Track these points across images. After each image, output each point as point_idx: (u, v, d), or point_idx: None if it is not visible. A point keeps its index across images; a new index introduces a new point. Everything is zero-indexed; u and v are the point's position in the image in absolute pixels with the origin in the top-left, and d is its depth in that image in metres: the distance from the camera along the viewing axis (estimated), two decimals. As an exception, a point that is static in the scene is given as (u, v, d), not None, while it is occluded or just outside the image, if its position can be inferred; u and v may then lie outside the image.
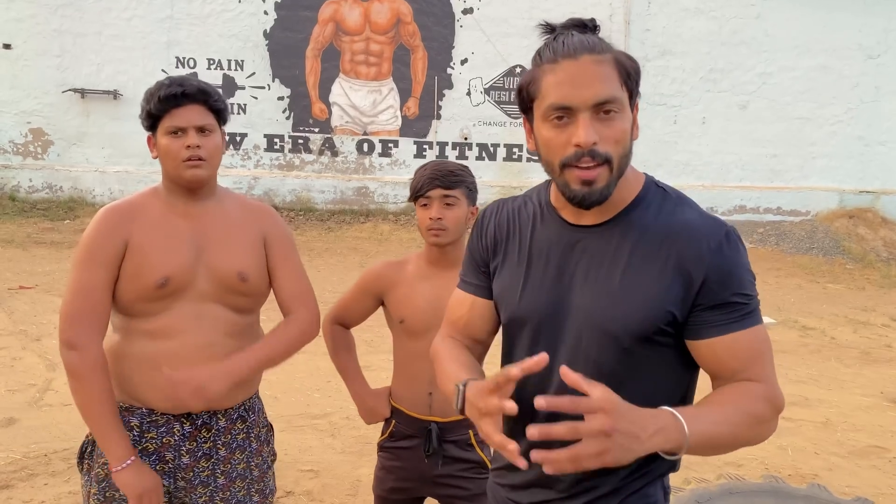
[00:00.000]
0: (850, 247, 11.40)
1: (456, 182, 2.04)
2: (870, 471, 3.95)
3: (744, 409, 1.19)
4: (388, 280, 2.16)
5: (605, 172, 1.18)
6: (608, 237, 1.25)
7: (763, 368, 1.24)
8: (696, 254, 1.20)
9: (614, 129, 1.18)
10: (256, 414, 1.97)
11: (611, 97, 1.17)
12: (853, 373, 5.76)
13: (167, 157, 1.77)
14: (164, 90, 1.76)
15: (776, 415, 1.23)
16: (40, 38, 11.23)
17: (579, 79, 1.17)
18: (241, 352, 1.79)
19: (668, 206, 1.27)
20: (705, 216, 1.26)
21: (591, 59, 1.18)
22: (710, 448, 1.17)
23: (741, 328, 1.22)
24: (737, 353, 1.22)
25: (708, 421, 1.14)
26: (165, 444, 1.82)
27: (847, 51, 12.25)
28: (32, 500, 3.16)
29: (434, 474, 2.12)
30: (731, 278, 1.21)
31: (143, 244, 1.76)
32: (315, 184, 11.84)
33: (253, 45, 11.60)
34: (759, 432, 1.22)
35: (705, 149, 12.31)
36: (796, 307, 8.05)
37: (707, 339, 1.23)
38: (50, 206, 11.03)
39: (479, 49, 11.77)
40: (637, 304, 1.21)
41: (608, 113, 1.17)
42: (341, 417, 4.30)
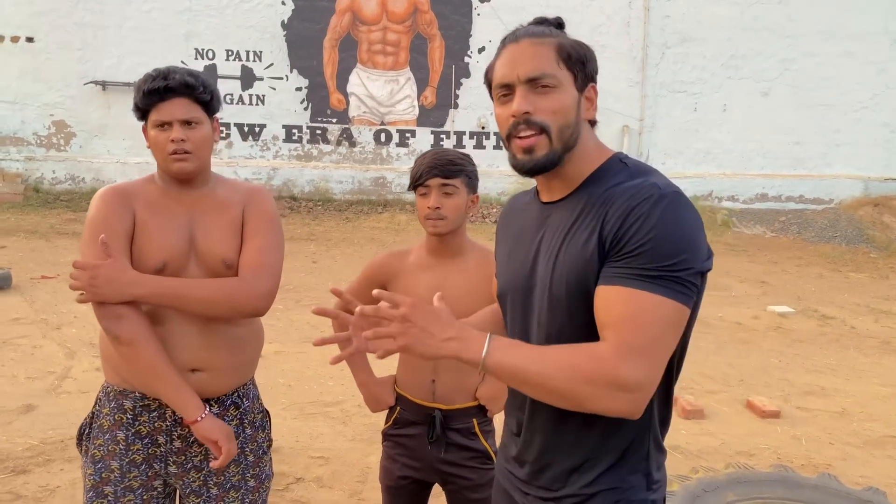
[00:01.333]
0: (875, 235, 11.21)
1: (455, 171, 2.04)
2: (884, 461, 3.90)
3: (568, 359, 1.18)
4: (392, 270, 2.17)
5: (543, 141, 1.28)
6: (566, 209, 1.33)
7: (621, 333, 1.16)
8: (619, 208, 1.22)
9: (550, 100, 1.27)
10: (251, 401, 1.98)
11: (543, 73, 1.27)
12: (872, 362, 5.68)
13: (155, 150, 1.80)
14: (147, 84, 1.77)
15: (608, 386, 1.15)
16: (62, 31, 11.37)
17: (517, 58, 1.29)
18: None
19: (621, 176, 1.29)
20: (648, 181, 1.24)
21: (530, 42, 1.30)
22: (514, 380, 1.22)
23: (625, 285, 1.17)
24: (607, 306, 1.19)
25: (518, 354, 1.20)
26: (157, 429, 1.85)
27: (872, 35, 12.00)
28: (48, 485, 3.23)
29: (438, 461, 2.13)
30: (640, 235, 1.18)
31: (147, 224, 1.80)
32: (333, 174, 11.89)
33: (271, 36, 11.65)
34: (580, 391, 1.16)
35: (726, 136, 12.15)
36: (816, 296, 7.94)
37: (597, 287, 1.22)
38: (72, 197, 11.19)
39: (496, 37, 11.63)
40: (568, 263, 1.27)
41: (544, 87, 1.27)
42: (353, 405, 4.33)
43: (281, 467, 3.44)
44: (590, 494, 1.32)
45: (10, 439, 3.66)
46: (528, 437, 1.40)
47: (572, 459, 1.34)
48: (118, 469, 1.83)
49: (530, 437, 1.40)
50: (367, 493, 3.31)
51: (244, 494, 1.94)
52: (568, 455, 1.34)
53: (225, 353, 1.86)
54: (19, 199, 11.06)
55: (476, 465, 2.12)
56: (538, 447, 1.38)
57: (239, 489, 1.93)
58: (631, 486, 1.32)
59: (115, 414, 1.85)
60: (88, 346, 5.04)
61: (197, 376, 1.82)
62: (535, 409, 1.37)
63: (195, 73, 1.83)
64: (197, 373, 1.82)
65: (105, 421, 1.85)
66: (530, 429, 1.39)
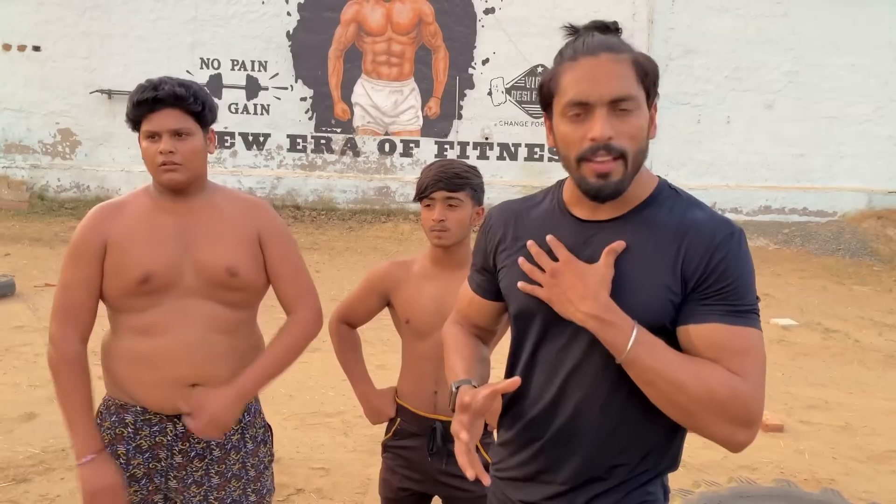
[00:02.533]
0: (879, 248, 11.18)
1: (460, 185, 2.04)
2: (888, 476, 3.88)
3: (705, 376, 1.16)
4: (394, 280, 2.17)
5: (619, 167, 1.22)
6: (621, 232, 1.27)
7: (743, 365, 1.18)
8: (700, 246, 1.22)
9: (630, 125, 1.22)
10: (252, 415, 1.96)
11: (626, 94, 1.21)
12: (875, 376, 5.66)
13: (146, 160, 1.80)
14: (137, 94, 1.76)
15: (736, 421, 1.16)
16: (68, 40, 11.44)
17: (597, 76, 1.21)
18: (248, 369, 1.82)
19: (679, 205, 1.29)
20: (716, 216, 1.27)
21: (609, 58, 1.22)
22: (644, 378, 1.19)
23: (725, 322, 1.19)
24: (713, 343, 1.19)
25: (661, 357, 1.17)
26: (158, 444, 1.83)
27: (876, 48, 12.01)
28: (48, 494, 3.22)
29: (439, 473, 2.12)
30: (726, 273, 1.21)
31: (124, 241, 1.78)
32: (337, 184, 11.91)
33: (276, 46, 11.70)
34: (706, 413, 1.16)
35: (730, 148, 12.15)
36: (820, 309, 7.92)
37: (686, 326, 1.21)
38: (77, 205, 11.23)
39: (500, 49, 11.75)
40: (643, 294, 1.23)
41: (624, 110, 1.21)
42: (354, 416, 4.32)
43: (281, 478, 3.43)
44: None
45: (11, 447, 3.66)
46: (557, 457, 1.34)
47: (606, 483, 1.31)
48: None
49: (561, 458, 1.34)
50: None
51: None
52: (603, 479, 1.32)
53: (225, 367, 1.83)
54: (24, 207, 11.09)
55: None
56: (573, 470, 1.33)
57: (240, 503, 1.91)
58: (656, 499, 1.33)
59: (116, 428, 1.84)
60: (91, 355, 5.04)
61: (197, 391, 1.80)
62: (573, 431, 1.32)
63: (188, 83, 1.80)
64: (197, 387, 1.80)
65: (106, 435, 1.84)
66: (561, 450, 1.34)
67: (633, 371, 1.19)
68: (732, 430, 1.17)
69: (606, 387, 1.27)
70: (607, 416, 1.29)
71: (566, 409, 1.32)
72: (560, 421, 1.33)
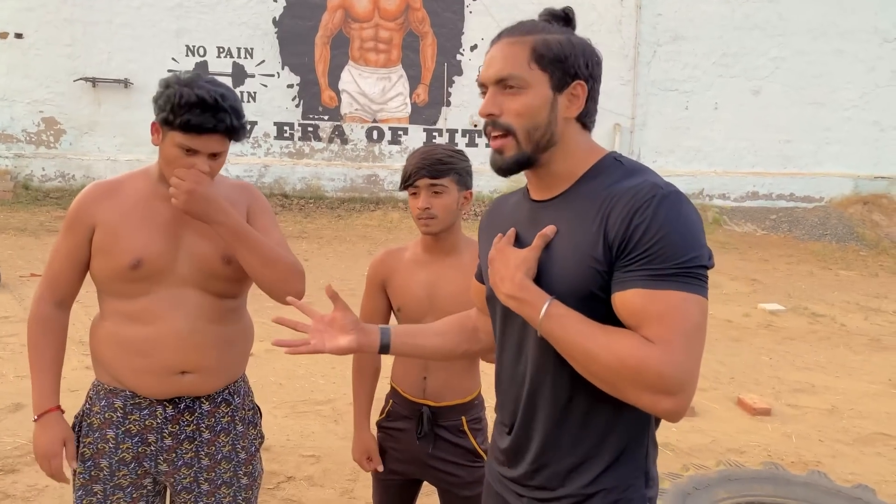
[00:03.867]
0: (864, 233, 11.27)
1: (443, 171, 2.02)
2: (874, 458, 3.92)
3: (614, 346, 1.14)
4: (389, 267, 2.17)
5: (511, 142, 1.29)
6: (558, 208, 1.31)
7: (659, 331, 1.14)
8: (622, 210, 1.19)
9: (516, 102, 1.28)
10: (242, 397, 1.97)
11: (509, 74, 1.27)
12: (862, 360, 5.71)
13: (169, 166, 1.72)
14: (195, 117, 1.65)
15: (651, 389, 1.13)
16: (51, 27, 11.30)
17: (490, 59, 1.31)
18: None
19: (616, 175, 1.28)
20: (648, 182, 1.23)
21: (506, 41, 1.30)
22: (562, 351, 1.22)
23: (645, 287, 1.16)
24: (632, 311, 1.16)
25: (571, 329, 1.20)
26: (148, 427, 1.84)
27: (863, 34, 12.06)
28: (37, 485, 3.20)
29: (427, 457, 2.13)
30: (648, 235, 1.16)
31: (116, 224, 1.77)
32: (325, 172, 11.86)
33: (262, 33, 11.61)
34: (622, 382, 1.14)
35: (718, 134, 12.19)
36: (807, 294, 7.98)
37: (614, 293, 1.20)
38: (63, 194, 11.13)
39: (488, 35, 11.69)
40: (569, 264, 1.24)
41: (510, 87, 1.28)
42: (345, 403, 4.32)
43: (272, 466, 3.43)
44: (589, 494, 1.31)
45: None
46: (523, 435, 1.38)
47: (571, 458, 1.33)
48: (107, 467, 1.83)
49: (526, 436, 1.37)
50: (359, 492, 3.30)
51: (236, 491, 1.93)
52: (567, 454, 1.33)
53: (215, 354, 1.84)
54: (9, 197, 10.98)
55: (465, 462, 2.13)
56: (536, 446, 1.36)
57: (231, 486, 1.92)
58: (630, 485, 1.31)
59: (105, 412, 1.84)
60: (78, 345, 5.01)
61: (187, 378, 1.81)
62: (533, 407, 1.35)
63: (238, 104, 1.73)
64: (187, 375, 1.81)
65: (95, 419, 1.85)
66: (527, 427, 1.37)
67: (551, 344, 1.24)
68: (652, 398, 1.14)
69: (554, 364, 1.29)
70: (559, 391, 1.31)
71: (528, 388, 1.36)
72: (524, 400, 1.37)
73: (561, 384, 1.29)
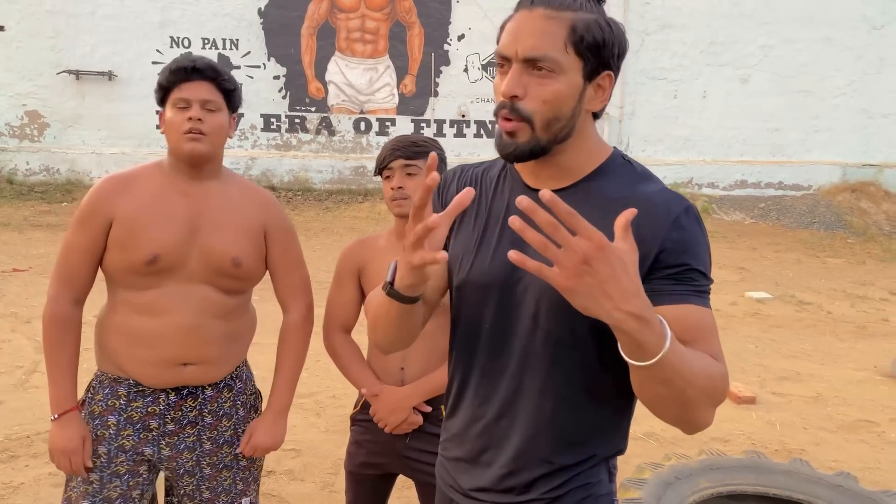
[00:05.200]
0: (852, 221, 11.29)
1: (417, 153, 2.02)
2: (858, 445, 3.92)
3: (707, 367, 1.09)
4: (361, 257, 2.13)
5: (524, 128, 1.16)
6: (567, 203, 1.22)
7: (716, 347, 1.15)
8: (654, 223, 1.15)
9: (544, 88, 1.14)
10: (244, 382, 2.00)
11: (542, 55, 1.13)
12: (847, 347, 5.72)
13: (170, 129, 1.80)
14: (175, 64, 1.81)
15: (720, 400, 1.13)
16: (33, 19, 11.16)
17: (521, 29, 1.14)
18: (275, 387, 1.99)
19: (630, 177, 1.22)
20: (668, 191, 1.21)
21: (543, 13, 1.14)
22: (665, 380, 1.03)
23: (695, 303, 1.15)
24: (689, 325, 1.14)
25: (683, 354, 1.03)
26: (150, 413, 1.86)
27: (850, 22, 12.03)
28: (12, 482, 3.16)
29: (405, 448, 2.10)
30: (688, 251, 1.16)
31: (135, 217, 1.79)
32: (312, 163, 11.79)
33: (247, 24, 11.50)
34: (705, 402, 1.10)
35: (706, 123, 12.17)
36: (794, 282, 7.98)
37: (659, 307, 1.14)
38: (47, 188, 11.02)
39: (475, 25, 11.63)
40: None
41: (540, 70, 1.14)
42: (327, 396, 4.29)
43: (252, 460, 3.40)
44: (558, 496, 1.27)
45: (-26, 435, 3.60)
46: (496, 437, 1.29)
47: (546, 466, 1.26)
48: (105, 454, 1.85)
49: (500, 438, 1.29)
50: (340, 485, 3.27)
51: (236, 473, 1.97)
52: (544, 461, 1.26)
53: (217, 349, 1.87)
54: (-8, 191, 10.87)
55: None
56: (512, 451, 1.27)
57: (231, 468, 1.95)
58: (598, 481, 1.28)
59: (108, 400, 1.86)
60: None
61: (189, 369, 1.84)
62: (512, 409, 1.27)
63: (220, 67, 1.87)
64: (189, 366, 1.84)
65: (97, 407, 1.87)
66: (501, 429, 1.28)
67: (657, 373, 1.02)
68: (712, 412, 1.13)
69: (545, 367, 1.22)
70: (545, 396, 1.24)
71: (508, 388, 1.27)
72: (501, 398, 1.28)
73: (549, 390, 1.23)
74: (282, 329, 2.03)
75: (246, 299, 1.96)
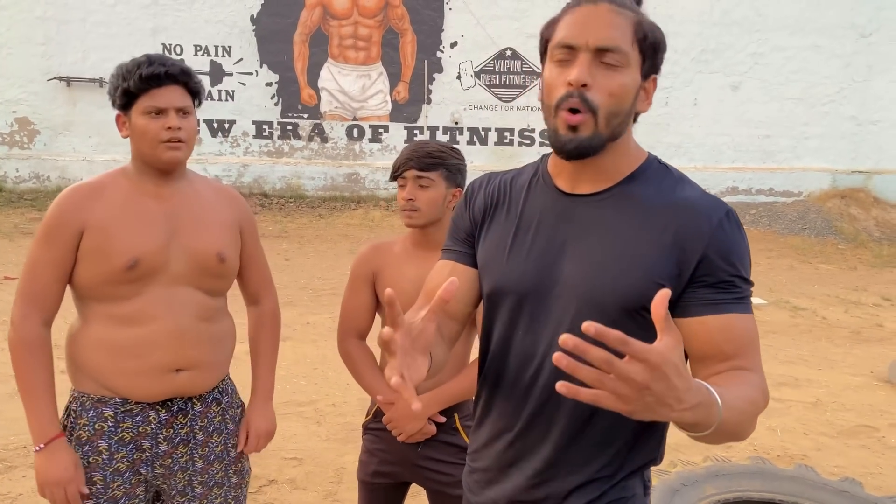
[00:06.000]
0: (843, 227, 11.37)
1: (431, 164, 1.99)
2: (858, 450, 3.93)
3: (751, 398, 1.10)
4: (377, 263, 2.11)
5: (589, 121, 1.14)
6: (603, 207, 1.21)
7: (755, 358, 1.17)
8: (696, 229, 1.15)
9: (612, 80, 1.14)
10: (230, 395, 1.97)
11: (615, 46, 1.14)
12: (843, 352, 5.75)
13: (144, 138, 1.72)
14: (145, 68, 1.70)
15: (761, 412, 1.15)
16: (24, 25, 11.09)
17: (590, 21, 1.15)
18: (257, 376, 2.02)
19: (668, 182, 1.23)
20: (707, 195, 1.21)
21: (609, 8, 1.16)
22: (723, 433, 1.03)
23: (737, 311, 1.15)
24: (733, 336, 1.15)
25: (727, 405, 1.02)
26: (142, 434, 1.79)
27: (839, 29, 12.15)
28: (10, 493, 3.12)
29: (416, 457, 2.08)
30: (731, 257, 1.16)
31: (108, 225, 1.72)
32: (305, 170, 11.75)
33: (240, 31, 11.47)
34: (753, 425, 1.12)
35: (697, 130, 12.24)
36: (788, 288, 8.02)
37: (701, 317, 1.15)
38: (37, 195, 10.93)
39: (468, 32, 11.66)
40: (627, 274, 1.16)
41: (609, 63, 1.15)
42: (327, 404, 4.26)
43: (253, 469, 3.34)
44: None
45: (-30, 446, 3.54)
46: (527, 446, 1.27)
47: (580, 476, 1.24)
48: (101, 480, 1.77)
49: (531, 447, 1.27)
50: (342, 494, 3.25)
51: (227, 491, 1.93)
52: (576, 471, 1.24)
53: (207, 351, 1.83)
54: (-19, 199, 10.77)
55: (457, 460, 2.07)
56: (543, 459, 1.26)
57: (222, 486, 1.92)
58: (633, 495, 1.27)
59: (94, 423, 1.77)
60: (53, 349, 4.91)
61: (181, 375, 1.79)
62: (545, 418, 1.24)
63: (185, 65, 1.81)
64: (181, 372, 1.79)
65: (83, 432, 1.77)
66: (534, 438, 1.26)
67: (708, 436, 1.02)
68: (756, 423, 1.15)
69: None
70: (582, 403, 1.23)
71: (541, 397, 1.25)
72: (532, 408, 1.26)
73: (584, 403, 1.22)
74: (256, 320, 2.05)
75: (224, 302, 1.93)
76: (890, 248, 10.67)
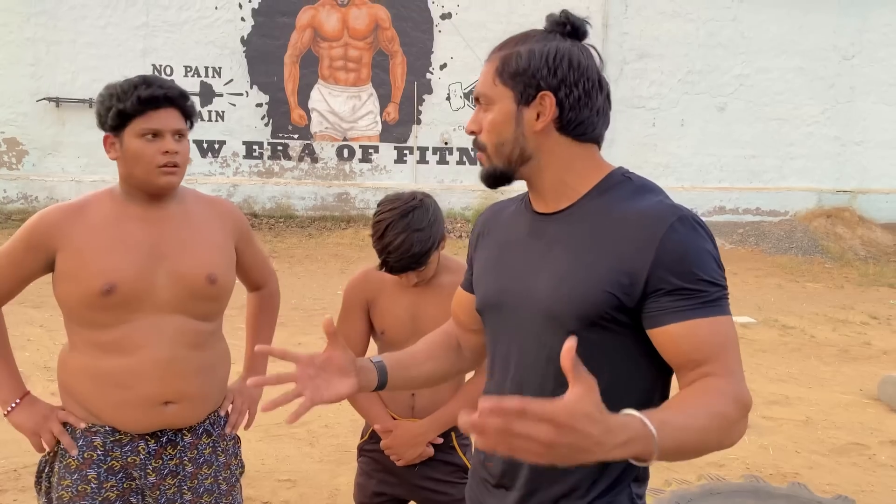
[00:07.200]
0: (829, 246, 11.49)
1: (424, 259, 1.96)
2: (850, 468, 3.95)
3: (713, 411, 1.11)
4: (371, 289, 2.11)
5: (483, 157, 1.32)
6: (569, 223, 1.27)
7: (727, 363, 1.15)
8: (644, 239, 1.17)
9: (486, 119, 1.29)
10: (222, 427, 1.91)
11: (479, 93, 1.31)
12: (833, 370, 5.78)
13: (138, 162, 1.68)
14: (143, 90, 1.66)
15: (745, 414, 1.14)
16: (13, 46, 11.09)
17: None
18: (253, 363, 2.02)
19: (626, 193, 1.25)
20: (663, 203, 1.22)
21: (487, 59, 1.31)
22: (678, 455, 1.08)
23: (701, 315, 1.15)
24: (699, 342, 1.15)
25: (676, 427, 1.04)
26: (131, 464, 1.76)
27: (822, 52, 12.37)
28: (0, 517, 3.08)
29: (415, 476, 2.09)
30: (686, 262, 1.16)
31: (84, 248, 1.68)
32: (295, 190, 11.77)
33: (230, 52, 11.52)
34: (729, 435, 1.13)
35: (684, 151, 12.37)
36: (776, 306, 8.08)
37: (664, 327, 1.16)
38: (25, 216, 10.81)
39: (457, 54, 11.77)
40: (580, 285, 1.20)
41: (483, 105, 1.30)
42: (320, 426, 4.24)
43: (247, 492, 3.34)
44: None
45: (-41, 470, 3.50)
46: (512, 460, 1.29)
47: (561, 486, 1.27)
48: None
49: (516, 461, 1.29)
50: (337, 516, 3.23)
51: None
52: (557, 480, 1.27)
53: (197, 382, 1.78)
54: (-32, 219, 10.70)
55: (454, 479, 2.09)
56: (527, 472, 1.30)
57: None
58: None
59: (83, 452, 1.74)
60: (43, 370, 4.87)
61: (170, 409, 1.74)
62: None
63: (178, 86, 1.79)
64: (170, 405, 1.74)
65: (73, 461, 1.74)
66: None
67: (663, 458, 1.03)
68: (741, 430, 1.15)
69: (551, 385, 1.23)
70: None
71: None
72: None
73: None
74: (258, 298, 2.09)
75: (218, 325, 1.88)
76: (875, 267, 10.79)
